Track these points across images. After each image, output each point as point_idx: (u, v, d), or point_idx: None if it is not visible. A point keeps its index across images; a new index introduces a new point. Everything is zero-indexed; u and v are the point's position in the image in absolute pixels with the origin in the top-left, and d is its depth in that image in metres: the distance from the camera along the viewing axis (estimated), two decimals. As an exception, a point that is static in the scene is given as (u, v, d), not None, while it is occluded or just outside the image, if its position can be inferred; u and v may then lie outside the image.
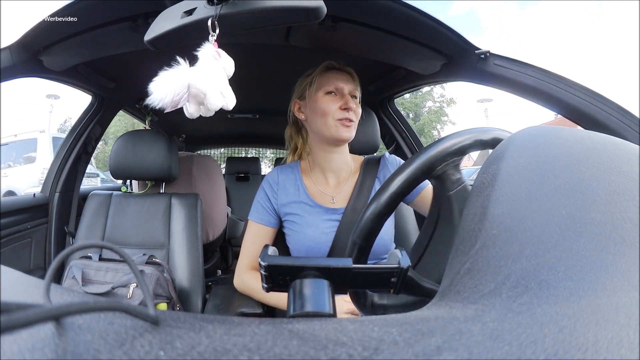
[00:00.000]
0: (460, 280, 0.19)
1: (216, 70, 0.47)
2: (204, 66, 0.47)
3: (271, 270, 0.28)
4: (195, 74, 0.45)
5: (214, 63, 0.47)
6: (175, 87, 0.43)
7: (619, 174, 0.19)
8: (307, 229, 0.77)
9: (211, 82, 0.46)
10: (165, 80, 0.44)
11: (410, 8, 0.72)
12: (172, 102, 0.43)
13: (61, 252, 0.19)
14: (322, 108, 0.76)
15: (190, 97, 0.45)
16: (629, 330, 0.12)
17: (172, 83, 0.43)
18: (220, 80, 0.47)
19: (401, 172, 0.41)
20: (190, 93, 0.45)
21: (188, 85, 0.44)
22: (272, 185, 0.83)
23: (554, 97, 0.75)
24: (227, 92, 0.47)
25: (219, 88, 0.46)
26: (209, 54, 0.47)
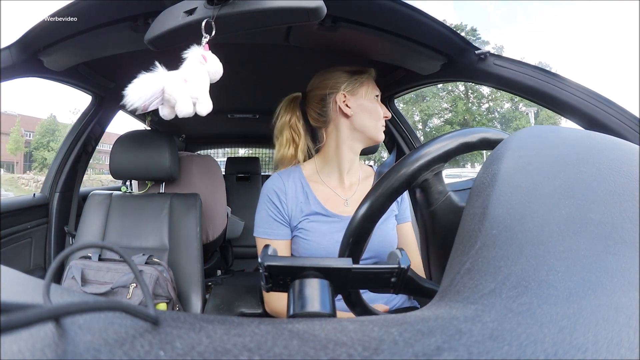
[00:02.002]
0: (460, 280, 0.19)
1: (198, 75, 0.48)
2: (186, 70, 0.47)
3: (271, 271, 0.28)
4: (171, 79, 0.46)
5: (198, 67, 0.48)
6: (149, 91, 0.45)
7: (619, 173, 0.19)
8: (321, 239, 0.74)
9: (185, 88, 0.46)
10: (141, 83, 0.46)
11: (410, 8, 0.71)
12: (144, 105, 0.45)
13: (61, 252, 0.19)
14: (377, 110, 0.80)
15: (164, 101, 0.46)
16: (629, 330, 0.12)
17: (147, 87, 0.45)
18: (198, 85, 0.48)
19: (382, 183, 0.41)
20: (164, 97, 0.46)
21: (162, 89, 0.45)
22: (279, 193, 0.78)
23: (553, 97, 0.75)
24: (202, 99, 0.48)
25: (194, 94, 0.47)
26: (195, 57, 0.48)
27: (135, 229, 1.14)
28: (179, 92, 0.46)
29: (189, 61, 0.48)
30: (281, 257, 0.28)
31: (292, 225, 0.77)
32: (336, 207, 0.77)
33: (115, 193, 1.22)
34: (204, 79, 0.48)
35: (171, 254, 1.11)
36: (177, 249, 1.11)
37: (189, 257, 1.11)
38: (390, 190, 0.40)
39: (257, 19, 0.52)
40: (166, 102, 0.47)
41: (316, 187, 0.80)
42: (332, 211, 0.77)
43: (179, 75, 0.47)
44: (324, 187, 0.80)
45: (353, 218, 0.43)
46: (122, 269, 0.93)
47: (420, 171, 0.40)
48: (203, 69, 0.48)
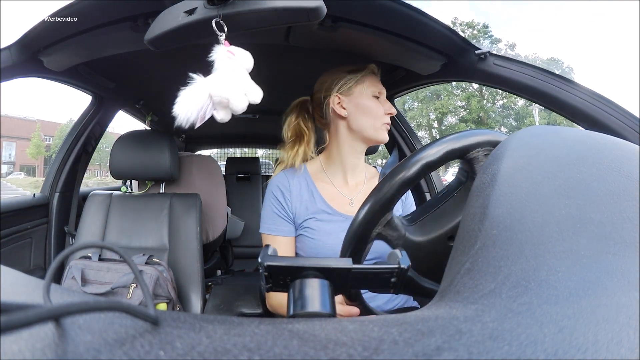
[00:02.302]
0: (460, 280, 0.19)
1: (234, 69, 0.47)
2: (221, 69, 0.47)
3: (271, 271, 0.28)
4: (213, 82, 0.46)
5: (230, 62, 0.48)
6: (197, 101, 0.45)
7: (619, 173, 0.19)
8: (327, 238, 0.73)
9: (231, 85, 0.46)
10: (186, 97, 0.45)
11: (410, 8, 0.71)
12: (200, 116, 0.45)
13: (61, 252, 0.19)
14: (372, 109, 0.78)
15: (215, 105, 0.46)
16: (629, 330, 0.12)
17: (194, 99, 0.45)
18: (239, 78, 0.47)
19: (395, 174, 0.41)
20: (214, 101, 0.46)
21: (209, 95, 0.45)
22: (284, 191, 0.78)
23: (553, 97, 0.75)
24: (250, 88, 0.48)
25: (239, 87, 0.47)
26: (222, 55, 0.48)
27: (135, 229, 1.14)
28: (228, 91, 0.46)
29: (219, 60, 0.48)
30: (281, 257, 0.28)
31: (296, 223, 0.77)
32: (341, 206, 0.77)
33: (115, 193, 1.22)
34: (241, 70, 0.48)
35: (171, 254, 1.11)
36: (177, 249, 1.11)
37: (189, 257, 1.11)
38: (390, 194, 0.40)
39: (257, 19, 0.52)
40: (218, 104, 0.46)
41: (321, 185, 0.80)
42: (338, 210, 0.76)
43: (219, 76, 0.47)
44: (329, 186, 0.80)
45: (353, 220, 0.43)
46: (122, 269, 0.93)
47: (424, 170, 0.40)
48: (235, 63, 0.48)
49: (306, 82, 0.87)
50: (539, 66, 0.78)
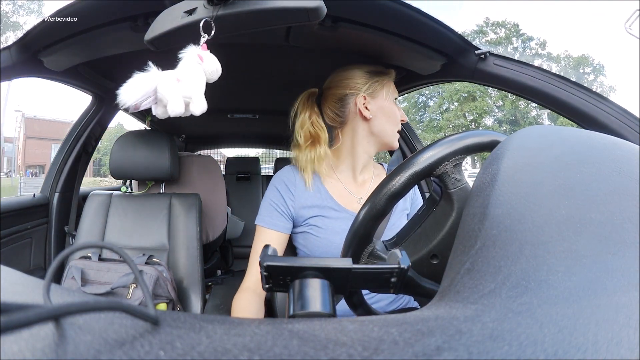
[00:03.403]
0: (460, 280, 0.19)
1: (193, 75, 0.48)
2: (181, 70, 0.48)
3: (271, 271, 0.28)
4: (163, 78, 0.46)
5: (194, 67, 0.48)
6: (142, 90, 0.46)
7: (619, 173, 0.19)
8: (334, 236, 0.71)
9: (177, 88, 0.47)
10: (135, 83, 0.46)
11: (410, 8, 0.71)
12: (136, 104, 0.46)
13: (61, 252, 0.19)
14: (395, 114, 0.78)
15: (157, 100, 0.47)
16: (629, 330, 0.12)
17: (140, 86, 0.46)
18: (193, 85, 0.48)
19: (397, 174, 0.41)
20: (157, 97, 0.46)
21: (155, 89, 0.46)
22: (288, 185, 0.75)
23: (554, 97, 0.75)
24: (196, 98, 0.48)
25: (187, 94, 0.47)
26: (191, 56, 0.48)
27: (135, 229, 1.14)
28: (170, 92, 0.46)
29: (185, 61, 0.48)
30: (281, 257, 0.28)
31: (299, 220, 0.75)
32: (349, 203, 0.76)
33: (115, 193, 1.22)
34: (200, 78, 0.48)
35: (171, 254, 1.11)
36: (177, 249, 1.11)
37: (189, 257, 1.11)
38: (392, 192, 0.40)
39: (257, 19, 0.52)
40: (159, 101, 0.47)
41: (329, 181, 0.78)
42: (345, 207, 0.75)
43: (172, 74, 0.47)
44: (337, 183, 0.78)
45: (355, 219, 0.43)
46: (122, 269, 0.93)
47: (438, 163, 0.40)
48: (199, 69, 0.48)
49: (306, 82, 0.87)
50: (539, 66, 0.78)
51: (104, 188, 1.56)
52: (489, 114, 23.02)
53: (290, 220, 0.75)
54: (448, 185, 0.42)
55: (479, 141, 0.40)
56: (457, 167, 0.42)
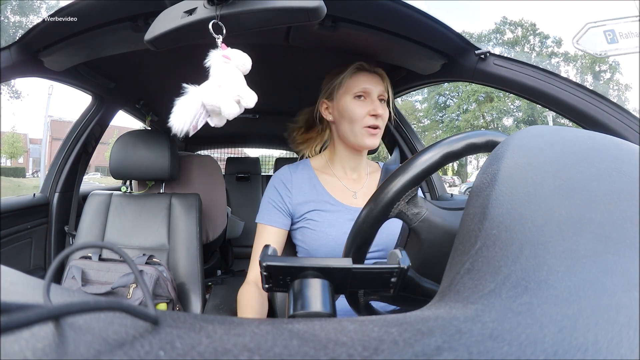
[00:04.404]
0: (460, 280, 0.19)
1: (228, 75, 0.48)
2: (215, 75, 0.47)
3: (271, 271, 0.28)
4: (205, 90, 0.46)
5: (225, 67, 0.48)
6: (190, 111, 0.46)
7: (619, 173, 0.19)
8: (330, 229, 0.73)
9: (223, 92, 0.47)
10: (180, 108, 0.46)
11: (410, 8, 0.72)
12: (193, 126, 0.46)
13: (61, 252, 0.19)
14: (350, 113, 0.74)
15: (209, 112, 0.47)
16: (629, 330, 0.12)
17: (187, 109, 0.46)
18: (233, 83, 0.48)
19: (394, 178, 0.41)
20: (207, 110, 0.46)
21: (202, 104, 0.46)
22: (286, 183, 0.77)
23: (554, 97, 0.75)
24: (244, 93, 0.48)
25: (233, 93, 0.47)
26: (218, 60, 0.48)
27: (135, 229, 1.14)
28: (219, 99, 0.46)
29: (214, 66, 0.48)
30: (281, 257, 0.28)
31: (296, 215, 0.77)
32: (345, 198, 0.77)
33: (115, 193, 1.22)
34: (236, 75, 0.48)
35: (171, 254, 1.11)
36: (177, 249, 1.11)
37: (189, 257, 1.11)
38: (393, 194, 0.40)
39: (257, 19, 0.52)
40: (212, 112, 0.47)
41: (324, 178, 0.80)
42: (340, 201, 0.76)
43: (212, 83, 0.47)
44: (332, 178, 0.80)
45: (357, 220, 0.43)
46: (122, 269, 0.93)
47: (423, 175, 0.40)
48: (231, 67, 0.48)
49: (306, 82, 0.87)
50: (539, 66, 0.78)
51: (104, 188, 1.56)
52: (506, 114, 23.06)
53: (288, 217, 0.77)
54: (409, 222, 0.41)
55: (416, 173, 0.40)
56: (411, 201, 0.41)
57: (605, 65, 22.32)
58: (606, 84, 22.49)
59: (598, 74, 22.37)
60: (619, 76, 22.85)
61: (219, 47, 0.49)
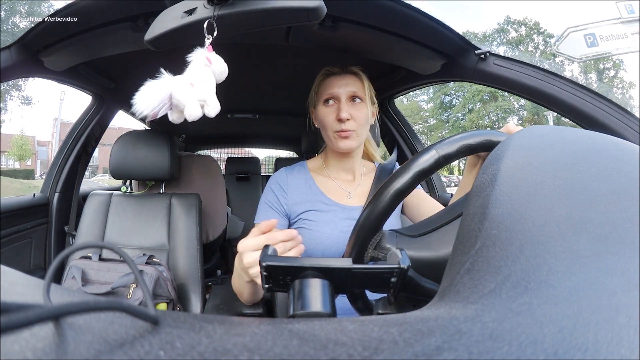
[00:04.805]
0: (460, 280, 0.19)
1: (204, 77, 0.48)
2: (192, 73, 0.48)
3: (271, 271, 0.28)
4: (177, 84, 0.46)
5: (203, 70, 0.48)
6: (157, 98, 0.45)
7: (619, 173, 0.19)
8: (325, 227, 0.74)
9: (192, 92, 0.47)
10: (149, 91, 0.46)
11: (410, 8, 0.72)
12: (153, 112, 0.46)
13: (61, 252, 0.19)
14: (322, 120, 0.76)
15: (172, 106, 0.47)
16: (629, 330, 0.12)
17: (155, 94, 0.45)
18: (205, 88, 0.48)
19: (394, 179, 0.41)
20: (172, 103, 0.46)
21: (170, 95, 0.46)
22: (282, 184, 0.79)
23: (554, 97, 0.75)
24: (210, 100, 0.48)
25: (201, 97, 0.47)
26: (199, 59, 0.48)
27: (135, 229, 1.14)
28: (186, 97, 0.46)
29: (194, 64, 0.48)
30: (281, 257, 0.28)
31: (292, 216, 0.77)
32: (340, 198, 0.79)
33: (115, 193, 1.22)
34: (210, 81, 0.48)
35: (171, 254, 1.11)
36: (177, 249, 1.11)
37: (189, 257, 1.11)
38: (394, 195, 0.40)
39: (257, 19, 0.52)
40: (175, 107, 0.47)
41: (319, 179, 0.81)
42: (335, 201, 0.78)
43: (185, 79, 0.47)
44: (327, 179, 0.81)
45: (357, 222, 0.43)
46: (122, 269, 0.93)
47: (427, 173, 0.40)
48: (208, 71, 0.48)
49: (306, 82, 0.87)
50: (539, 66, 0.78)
51: (104, 188, 1.56)
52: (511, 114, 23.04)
53: (285, 218, 0.78)
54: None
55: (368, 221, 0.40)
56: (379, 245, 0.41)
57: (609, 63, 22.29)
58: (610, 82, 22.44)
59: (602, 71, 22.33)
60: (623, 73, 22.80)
61: (205, 47, 0.49)
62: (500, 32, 24.25)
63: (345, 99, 0.75)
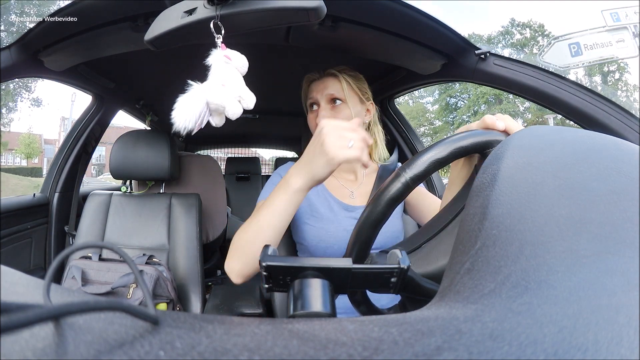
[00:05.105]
0: (460, 280, 0.19)
1: (229, 75, 0.48)
2: (217, 74, 0.48)
3: (271, 271, 0.28)
4: (209, 89, 0.46)
5: (226, 67, 0.48)
6: (195, 109, 0.45)
7: (619, 173, 0.19)
8: (329, 224, 0.74)
9: (226, 92, 0.47)
10: (184, 105, 0.45)
11: (410, 8, 0.72)
12: (197, 124, 0.46)
13: (61, 252, 0.19)
14: (310, 126, 0.79)
15: (211, 111, 0.47)
16: (629, 330, 0.12)
17: (191, 106, 0.45)
18: (235, 84, 0.48)
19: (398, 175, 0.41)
20: (210, 108, 0.47)
21: (206, 102, 0.46)
22: None
23: (554, 97, 0.75)
24: (244, 94, 0.49)
25: (235, 94, 0.47)
26: (219, 59, 0.48)
27: (135, 229, 1.14)
28: (223, 98, 0.47)
29: (216, 65, 0.48)
30: (281, 257, 0.28)
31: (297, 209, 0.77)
32: (343, 197, 0.79)
33: (115, 193, 1.22)
34: (237, 76, 0.49)
35: (171, 254, 1.11)
36: (177, 249, 1.11)
37: (188, 257, 1.11)
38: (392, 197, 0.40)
39: (257, 19, 0.52)
40: (214, 111, 0.48)
41: None
42: (339, 199, 0.78)
43: (216, 82, 0.47)
44: (331, 178, 0.82)
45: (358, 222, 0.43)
46: (122, 269, 0.93)
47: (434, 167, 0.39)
48: (232, 68, 0.49)
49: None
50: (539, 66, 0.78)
51: (110, 187, 1.56)
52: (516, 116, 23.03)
53: None
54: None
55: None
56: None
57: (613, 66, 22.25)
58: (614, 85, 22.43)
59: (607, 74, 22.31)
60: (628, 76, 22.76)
61: (219, 46, 0.49)
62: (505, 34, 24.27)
63: (325, 103, 0.76)
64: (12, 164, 24.97)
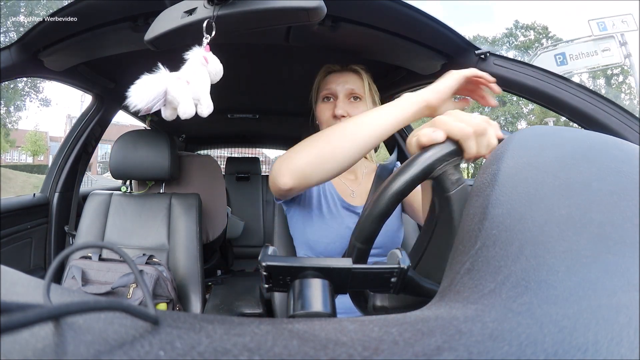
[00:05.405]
0: (460, 280, 0.19)
1: (199, 76, 0.48)
2: (188, 71, 0.48)
3: (271, 271, 0.28)
4: (173, 80, 0.46)
5: (200, 68, 0.48)
6: (152, 93, 0.46)
7: (619, 173, 0.19)
8: (332, 221, 0.75)
9: (188, 90, 0.47)
10: (144, 85, 0.46)
11: (410, 8, 0.71)
12: (147, 107, 0.46)
13: (61, 252, 0.19)
14: (319, 117, 0.78)
15: (166, 102, 0.47)
16: (629, 330, 0.12)
17: (150, 89, 0.45)
18: (200, 86, 0.48)
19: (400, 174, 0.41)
20: (167, 99, 0.46)
21: (165, 91, 0.46)
22: None
23: (553, 97, 0.75)
24: (204, 100, 0.48)
25: (196, 95, 0.47)
26: (197, 58, 0.48)
27: (135, 229, 1.14)
28: (181, 94, 0.46)
29: (191, 62, 0.48)
30: (281, 257, 0.28)
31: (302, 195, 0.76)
32: (346, 196, 0.80)
33: (115, 193, 1.22)
34: (206, 80, 0.49)
35: (171, 254, 1.11)
36: (177, 249, 1.11)
37: (189, 257, 1.11)
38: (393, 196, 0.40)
39: (257, 19, 0.52)
40: (169, 103, 0.47)
41: None
42: (342, 197, 0.79)
43: (182, 76, 0.47)
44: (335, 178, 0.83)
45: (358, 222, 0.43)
46: (122, 269, 0.93)
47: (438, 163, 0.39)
48: (204, 70, 0.48)
49: (306, 82, 0.87)
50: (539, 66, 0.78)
51: (104, 188, 1.56)
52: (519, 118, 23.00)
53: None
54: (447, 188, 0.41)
55: None
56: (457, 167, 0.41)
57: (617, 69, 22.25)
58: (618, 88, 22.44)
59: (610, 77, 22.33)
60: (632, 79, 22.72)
61: (203, 46, 0.49)
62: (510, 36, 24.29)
63: (343, 96, 0.75)
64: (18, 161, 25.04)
